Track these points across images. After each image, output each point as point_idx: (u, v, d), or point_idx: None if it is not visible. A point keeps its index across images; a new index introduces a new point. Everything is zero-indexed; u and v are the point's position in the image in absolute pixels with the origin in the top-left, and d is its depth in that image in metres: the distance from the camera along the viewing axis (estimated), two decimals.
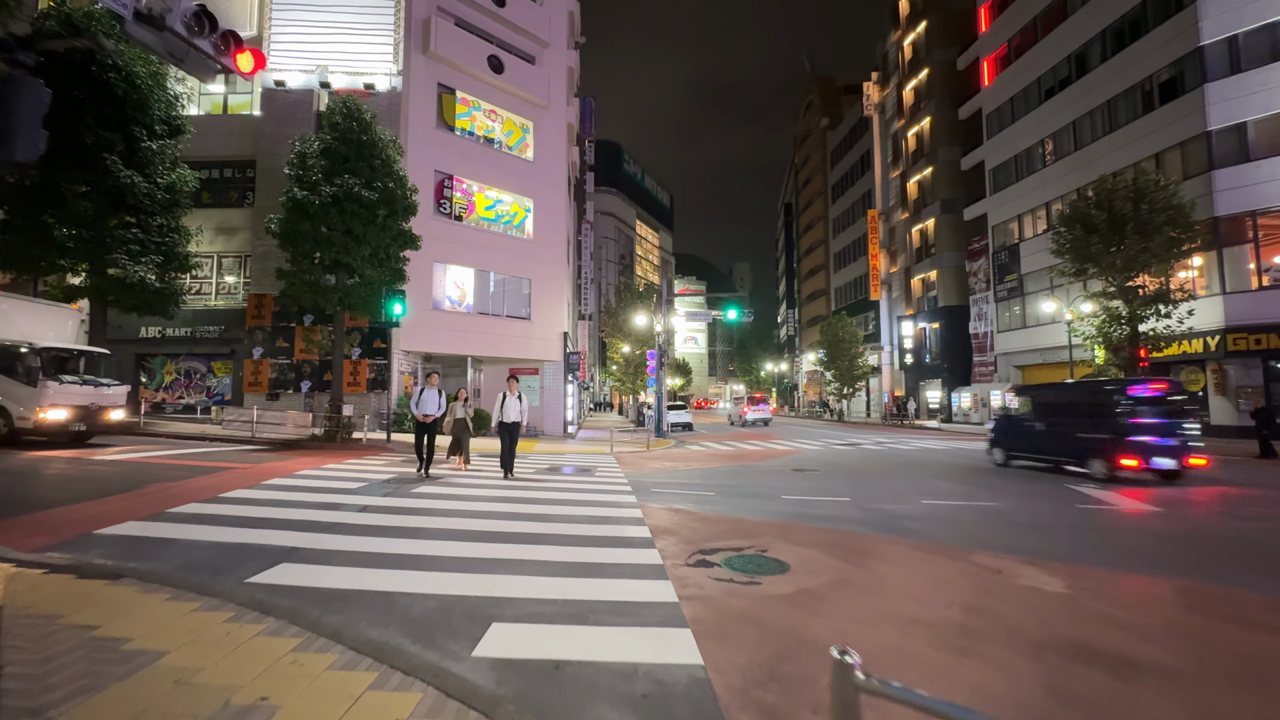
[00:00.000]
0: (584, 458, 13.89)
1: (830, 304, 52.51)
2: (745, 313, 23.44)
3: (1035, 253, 27.50)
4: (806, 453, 15.74)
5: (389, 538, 5.44)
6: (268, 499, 6.94)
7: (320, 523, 5.89)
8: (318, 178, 13.02)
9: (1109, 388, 10.83)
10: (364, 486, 8.01)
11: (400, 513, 6.43)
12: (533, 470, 10.81)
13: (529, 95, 22.03)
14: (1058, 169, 26.27)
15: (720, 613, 3.84)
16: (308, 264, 13.36)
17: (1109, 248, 18.20)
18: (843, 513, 7.24)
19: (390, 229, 14.08)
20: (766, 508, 7.49)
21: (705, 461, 13.51)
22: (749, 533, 6.05)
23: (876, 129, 43.29)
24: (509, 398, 9.33)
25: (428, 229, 18.71)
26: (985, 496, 8.60)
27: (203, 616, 3.42)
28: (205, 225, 18.24)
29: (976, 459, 14.00)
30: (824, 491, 8.92)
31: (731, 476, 10.72)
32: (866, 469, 12.00)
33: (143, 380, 17.89)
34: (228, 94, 19.23)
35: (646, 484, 9.46)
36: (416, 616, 3.68)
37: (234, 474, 8.69)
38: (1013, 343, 29.12)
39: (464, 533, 5.72)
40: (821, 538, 5.88)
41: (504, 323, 20.98)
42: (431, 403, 9.31)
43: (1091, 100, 24.57)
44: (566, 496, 7.90)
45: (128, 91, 13.89)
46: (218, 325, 17.81)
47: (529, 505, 7.06)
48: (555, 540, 5.53)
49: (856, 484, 9.80)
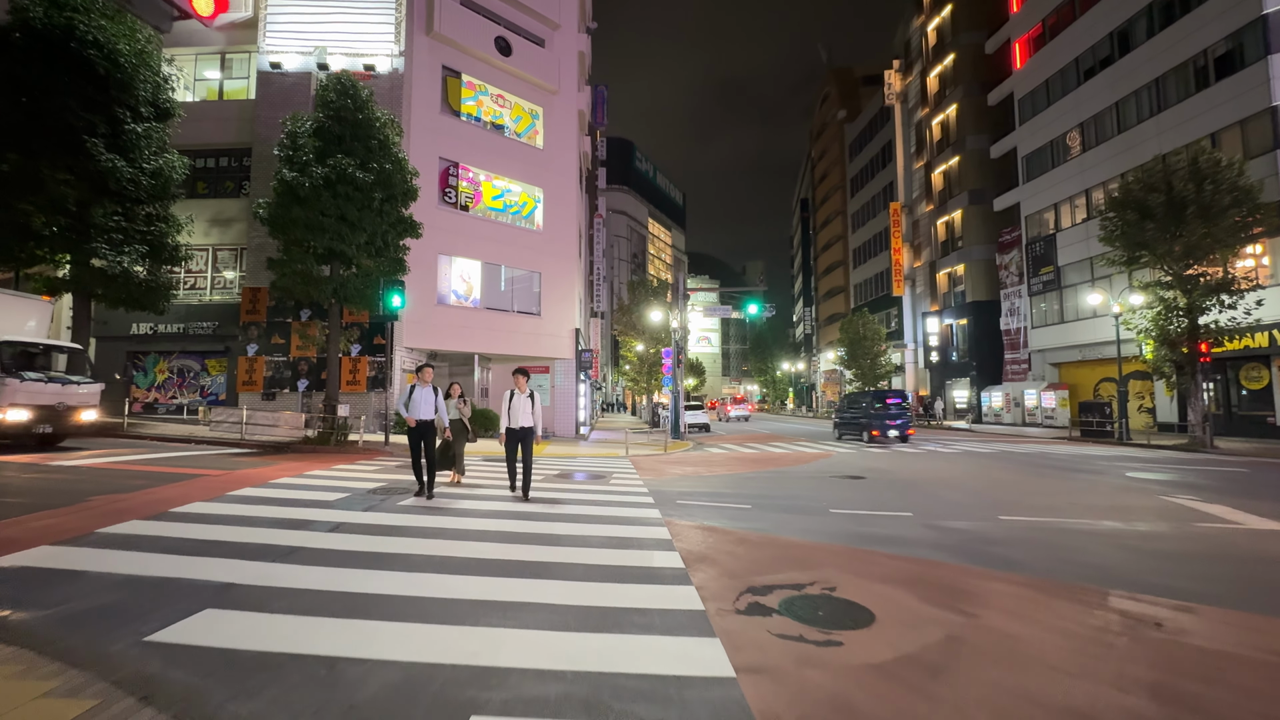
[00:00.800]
0: (598, 462, 12.77)
1: (849, 301, 51.01)
2: (766, 307, 22.18)
3: (1074, 243, 25.96)
4: (840, 457, 14.48)
5: (357, 568, 4.33)
6: (226, 515, 5.88)
7: (277, 548, 4.80)
8: (309, 158, 12.02)
9: (872, 396, 20.93)
10: (344, 499, 6.94)
11: (378, 533, 5.33)
12: (540, 478, 9.69)
13: (538, 80, 20.99)
14: (1099, 153, 24.71)
15: (797, 697, 2.67)
16: (299, 252, 12.38)
17: (1166, 233, 16.74)
18: (910, 533, 6.03)
19: (388, 215, 13.06)
20: (816, 526, 6.29)
21: (730, 466, 12.33)
22: (805, 561, 4.87)
23: (899, 118, 41.77)
24: (518, 396, 7.40)
25: (432, 219, 17.73)
26: (1068, 510, 7.33)
27: (46, 711, 2.32)
28: (199, 216, 17.40)
29: (1032, 462, 12.65)
30: (877, 504, 7.70)
31: (764, 485, 9.53)
32: (914, 476, 10.74)
33: (134, 379, 17.06)
34: (224, 79, 18.38)
35: (669, 494, 8.30)
36: (366, 702, 2.55)
37: (200, 483, 7.66)
38: (1049, 339, 27.56)
39: (450, 562, 4.59)
40: (899, 570, 4.68)
41: (513, 318, 19.94)
42: (425, 403, 7.44)
43: (1137, 79, 23.01)
44: (578, 511, 6.77)
45: (110, 70, 12.98)
46: (212, 321, 16.93)
47: (533, 523, 5.92)
48: (563, 573, 4.39)
49: (910, 495, 8.56)
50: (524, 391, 7.51)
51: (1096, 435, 20.67)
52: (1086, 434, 21.05)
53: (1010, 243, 30.69)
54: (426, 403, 7.51)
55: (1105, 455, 15.17)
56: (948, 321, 36.18)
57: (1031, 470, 11.58)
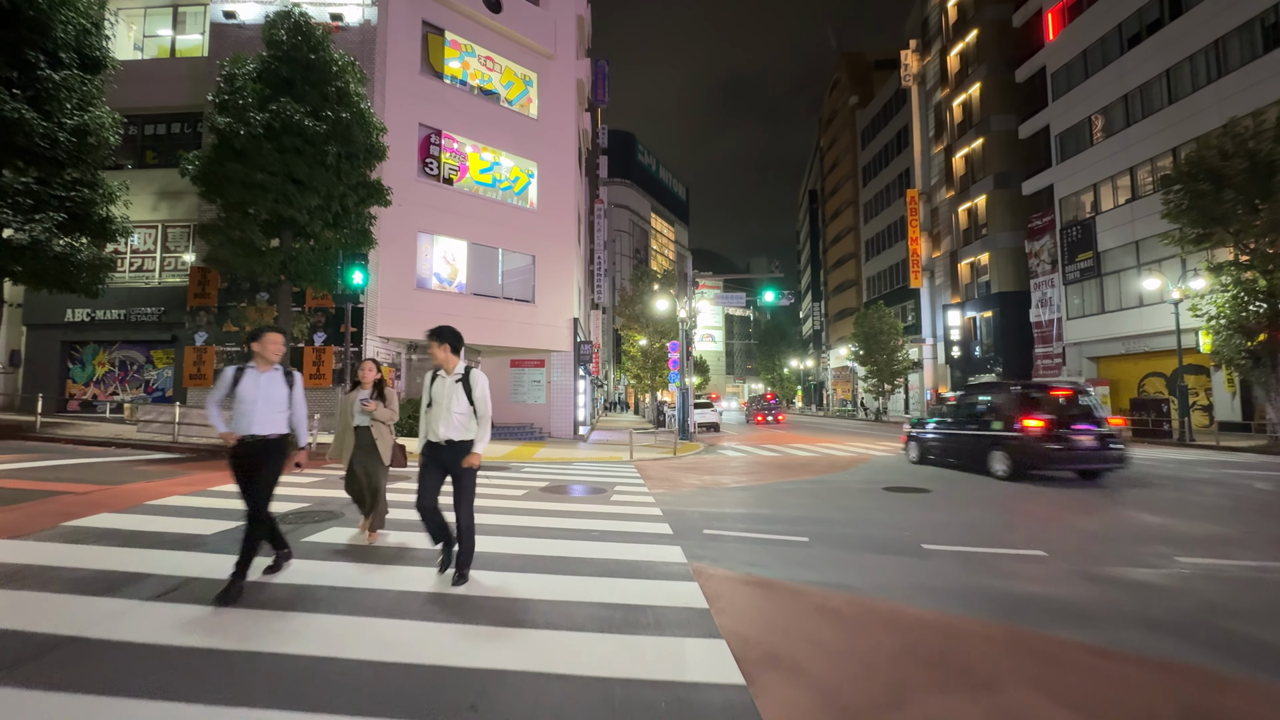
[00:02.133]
0: (597, 468, 10.70)
1: (861, 295, 48.84)
2: (783, 294, 20.09)
3: (1116, 225, 23.78)
4: (879, 461, 12.38)
5: (125, 697, 2.27)
6: (22, 563, 3.81)
7: (35, 638, 2.74)
8: (248, 102, 9.94)
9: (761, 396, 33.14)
10: (223, 533, 4.86)
11: (191, 629, 3.25)
12: (522, 492, 7.62)
13: (532, 42, 18.90)
14: (1146, 127, 22.52)
15: None
16: (238, 218, 10.30)
17: (1246, 205, 14.63)
18: (1070, 590, 3.94)
19: (347, 176, 10.98)
20: (920, 577, 4.20)
21: (754, 474, 10.24)
22: (958, 667, 2.78)
23: (916, 101, 39.57)
24: (441, 381, 3.93)
25: (410, 193, 15.69)
26: (1262, 546, 5.23)
27: None
28: (148, 189, 15.37)
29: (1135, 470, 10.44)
30: (980, 536, 5.60)
31: (809, 501, 7.44)
32: (991, 490, 8.64)
33: (70, 372, 15.01)
34: (175, 36, 16.31)
35: (691, 517, 6.21)
36: None
37: (47, 506, 5.59)
38: (1087, 330, 25.38)
39: (309, 687, 2.53)
40: (1136, 693, 2.59)
41: (504, 305, 17.85)
42: (262, 402, 3.58)
43: (1191, 43, 20.82)
44: (562, 551, 4.70)
45: (20, 5, 10.95)
46: (158, 307, 14.85)
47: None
48: None
49: (1010, 517, 6.47)
50: (452, 372, 3.90)
51: (1151, 436, 18.53)
52: (1139, 434, 18.92)
53: (1041, 228, 28.51)
54: (267, 401, 3.59)
55: (1183, 460, 13.04)
56: (970, 314, 34.00)
57: (1128, 482, 9.46)
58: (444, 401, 3.83)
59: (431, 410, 3.88)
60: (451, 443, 3.81)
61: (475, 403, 3.83)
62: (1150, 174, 22.50)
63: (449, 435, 3.80)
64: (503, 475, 9.29)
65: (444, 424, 3.80)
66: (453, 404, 3.80)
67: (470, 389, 3.84)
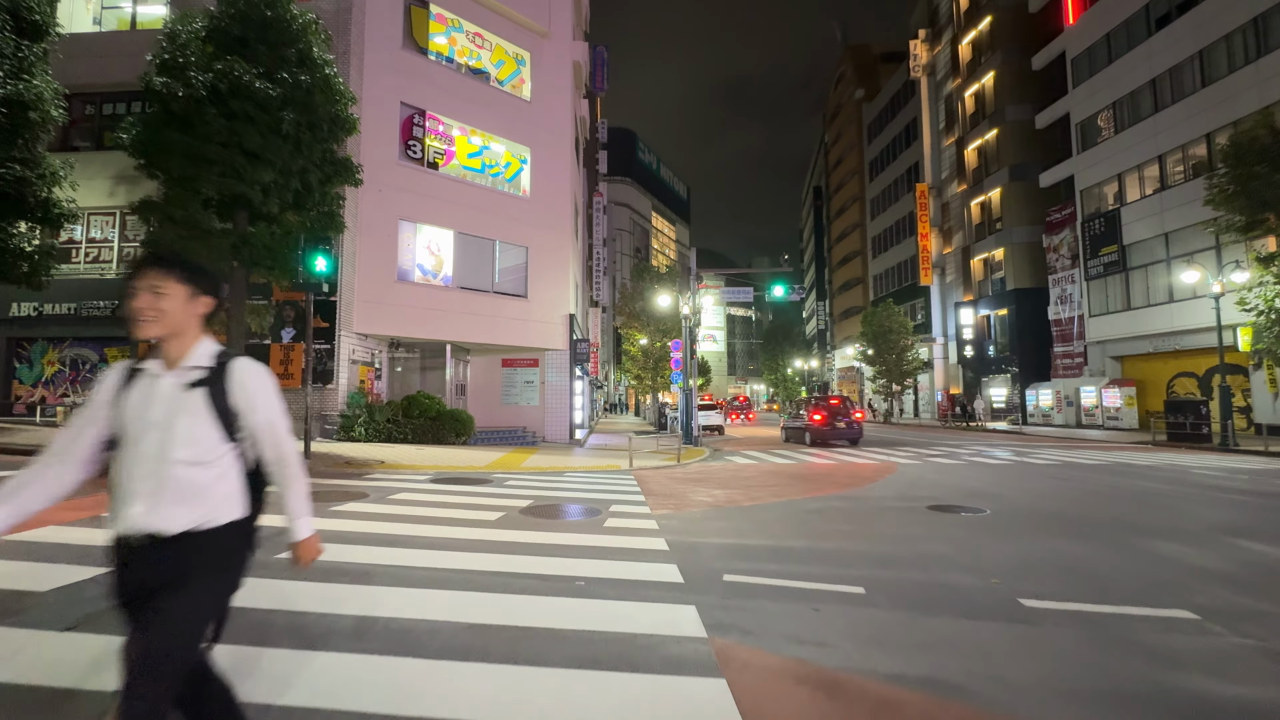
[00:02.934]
0: (592, 480, 9.42)
1: (868, 293, 47.59)
2: (792, 288, 18.82)
3: (1144, 217, 22.49)
4: (907, 472, 11.07)
5: None
6: None
7: None
8: (188, 60, 8.67)
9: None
10: (54, 591, 3.59)
11: None
12: (498, 515, 6.34)
13: (525, 19, 17.65)
14: (1176, 112, 21.25)
15: None
16: (182, 195, 9.04)
17: None
18: (1266, 691, 2.66)
19: (310, 150, 9.71)
20: (1050, 665, 2.91)
21: (774, 488, 8.94)
22: None
23: (925, 92, 38.32)
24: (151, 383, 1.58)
25: (391, 177, 14.45)
26: None
27: None
28: (104, 172, 14.14)
29: (1179, 479, 9.19)
30: (1084, 581, 4.31)
31: (846, 527, 6.13)
32: (1048, 506, 7.35)
33: (16, 372, 13.74)
34: (135, 7, 15.05)
35: (705, 556, 4.89)
36: None
37: None
38: (1112, 328, 24.09)
39: None
40: None
41: (494, 300, 16.58)
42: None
43: (1227, 22, 19.56)
44: (530, 614, 3.41)
45: None
46: (112, 301, 13.60)
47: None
48: None
49: (1103, 548, 5.17)
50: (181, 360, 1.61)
51: (1190, 440, 17.19)
52: (1175, 438, 17.59)
53: (1061, 222, 27.22)
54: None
55: (1238, 468, 11.71)
56: (984, 312, 32.71)
57: (1210, 495, 8.17)
58: (154, 433, 1.54)
59: (121, 455, 1.56)
60: (163, 541, 1.51)
61: (256, 430, 1.66)
62: (1181, 161, 21.24)
63: (162, 520, 1.51)
64: (481, 491, 8.01)
65: (149, 489, 1.52)
66: (177, 435, 1.55)
67: (232, 399, 1.63)
